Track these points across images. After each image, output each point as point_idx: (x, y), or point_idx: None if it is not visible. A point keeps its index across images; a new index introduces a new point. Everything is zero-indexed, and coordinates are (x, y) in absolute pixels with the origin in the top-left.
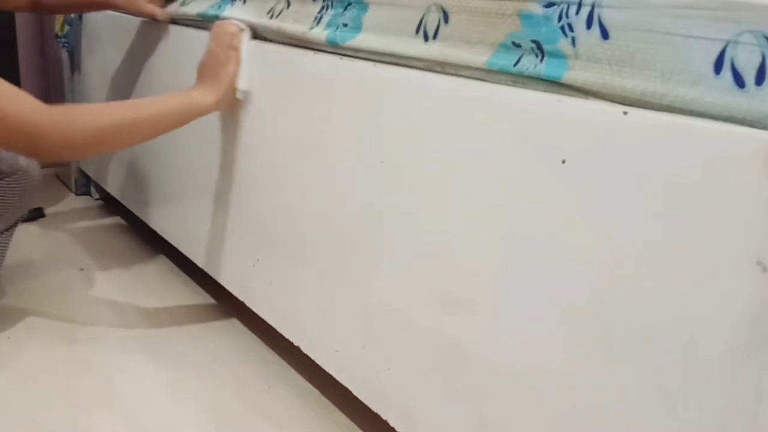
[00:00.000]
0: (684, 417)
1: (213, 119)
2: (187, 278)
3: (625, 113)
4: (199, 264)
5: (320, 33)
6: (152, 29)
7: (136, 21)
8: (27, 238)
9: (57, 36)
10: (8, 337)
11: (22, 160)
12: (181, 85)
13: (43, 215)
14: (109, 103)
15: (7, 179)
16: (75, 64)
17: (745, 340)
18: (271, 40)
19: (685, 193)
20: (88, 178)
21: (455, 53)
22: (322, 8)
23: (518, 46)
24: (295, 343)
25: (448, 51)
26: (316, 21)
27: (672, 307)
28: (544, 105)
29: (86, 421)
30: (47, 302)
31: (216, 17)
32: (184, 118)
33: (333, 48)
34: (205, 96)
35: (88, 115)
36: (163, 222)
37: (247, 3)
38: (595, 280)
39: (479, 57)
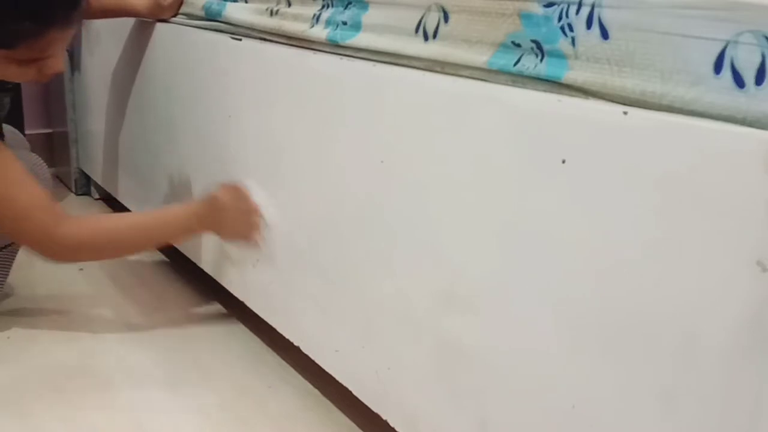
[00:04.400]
0: (683, 417)
1: (212, 117)
2: (187, 278)
3: (625, 113)
4: (199, 264)
5: (320, 31)
6: (152, 29)
7: (135, 21)
8: None
9: None
10: (8, 337)
11: (39, 171)
12: (180, 84)
13: None
14: (122, 226)
15: None
16: (75, 64)
17: (745, 340)
18: (270, 41)
19: (685, 193)
20: (88, 178)
21: (455, 53)
22: (322, 7)
23: (518, 45)
24: (295, 343)
25: (448, 50)
26: (316, 19)
27: (672, 307)
28: (544, 105)
29: (86, 421)
30: (47, 302)
31: (219, 13)
32: (179, 239)
33: (333, 47)
34: (202, 226)
35: (99, 246)
36: None
37: (248, 1)
38: (595, 280)
39: (479, 57)
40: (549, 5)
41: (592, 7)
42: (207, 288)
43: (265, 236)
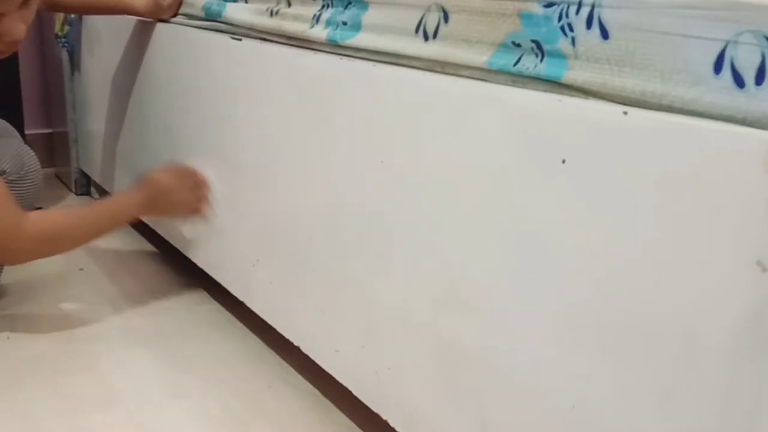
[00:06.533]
0: (683, 417)
1: (212, 117)
2: (188, 278)
3: (625, 113)
4: (199, 264)
5: (320, 32)
6: (152, 29)
7: (135, 21)
8: None
9: (57, 36)
10: (8, 337)
11: (26, 159)
12: (180, 85)
13: None
14: (74, 219)
15: (11, 180)
16: (75, 64)
17: (745, 340)
18: (270, 41)
19: (685, 193)
20: (88, 178)
21: (455, 53)
22: (322, 7)
23: (518, 45)
24: (295, 343)
25: (448, 50)
26: (316, 19)
27: (672, 307)
28: (544, 105)
29: (86, 421)
30: (47, 302)
31: (219, 14)
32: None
33: (333, 47)
34: (148, 211)
35: (56, 243)
36: (162, 221)
37: (248, 1)
38: (595, 280)
39: (479, 57)
40: (549, 5)
41: (592, 7)
42: (207, 288)
43: (214, 208)
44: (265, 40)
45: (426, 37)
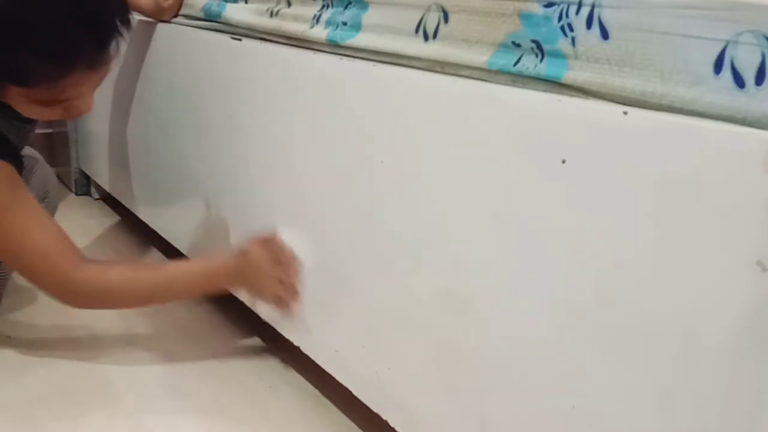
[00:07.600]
0: (683, 417)
1: (212, 117)
2: None
3: (625, 113)
4: None
5: (320, 32)
6: (152, 30)
7: (136, 21)
8: None
9: None
10: (9, 337)
11: (50, 186)
12: (180, 85)
13: None
14: (143, 280)
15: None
16: None
17: (745, 340)
18: (270, 41)
19: (685, 193)
20: (88, 178)
21: (455, 53)
22: (322, 7)
23: (518, 45)
24: (295, 343)
25: (448, 50)
26: (316, 19)
27: (672, 307)
28: (544, 105)
29: (86, 421)
30: (47, 302)
31: (218, 14)
32: (205, 293)
33: (332, 47)
34: (231, 284)
35: (116, 297)
36: (163, 221)
37: (248, 2)
38: (595, 280)
39: (479, 57)
40: (549, 5)
41: (592, 7)
42: None
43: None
44: (265, 40)
45: (426, 37)
